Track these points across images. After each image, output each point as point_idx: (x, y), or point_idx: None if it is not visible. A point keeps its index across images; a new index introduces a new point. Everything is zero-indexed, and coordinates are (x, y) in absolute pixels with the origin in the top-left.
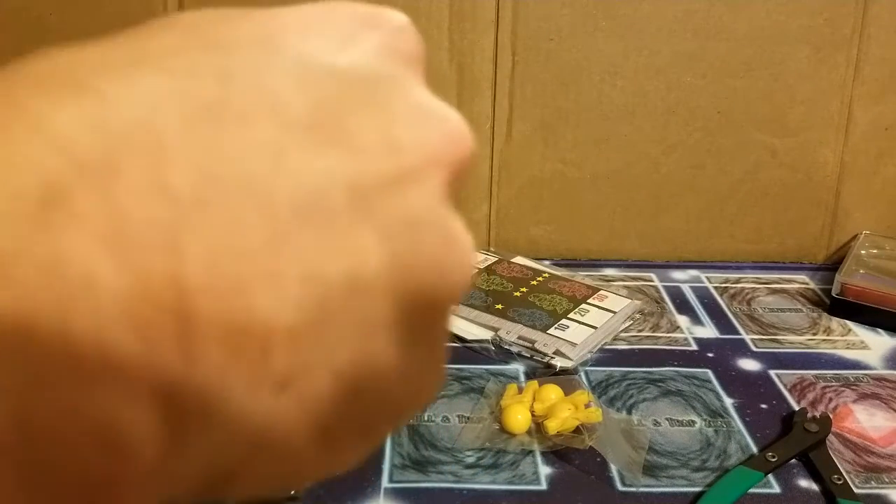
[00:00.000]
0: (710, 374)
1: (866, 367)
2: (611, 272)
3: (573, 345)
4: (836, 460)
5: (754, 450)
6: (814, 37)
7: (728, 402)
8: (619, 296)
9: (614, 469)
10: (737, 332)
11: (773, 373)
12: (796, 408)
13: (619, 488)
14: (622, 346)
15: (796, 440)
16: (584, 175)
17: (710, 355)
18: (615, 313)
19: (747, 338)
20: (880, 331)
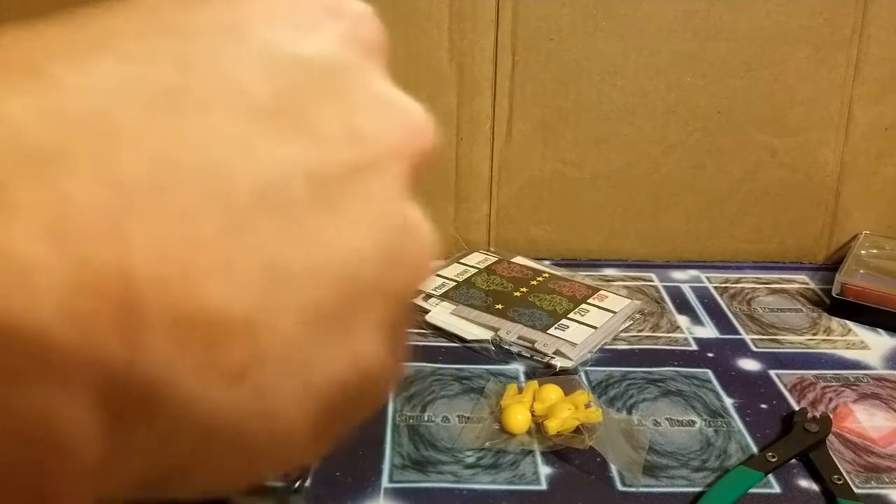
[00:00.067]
0: (710, 374)
1: (866, 367)
2: (611, 272)
3: (573, 345)
4: (836, 460)
5: (754, 450)
6: (814, 37)
7: (728, 402)
8: (619, 296)
9: (614, 469)
10: (737, 332)
11: (773, 373)
12: (796, 408)
13: (619, 488)
14: (622, 346)
15: (796, 440)
16: (584, 175)
17: (710, 355)
18: (615, 313)
19: (747, 338)
20: (880, 331)
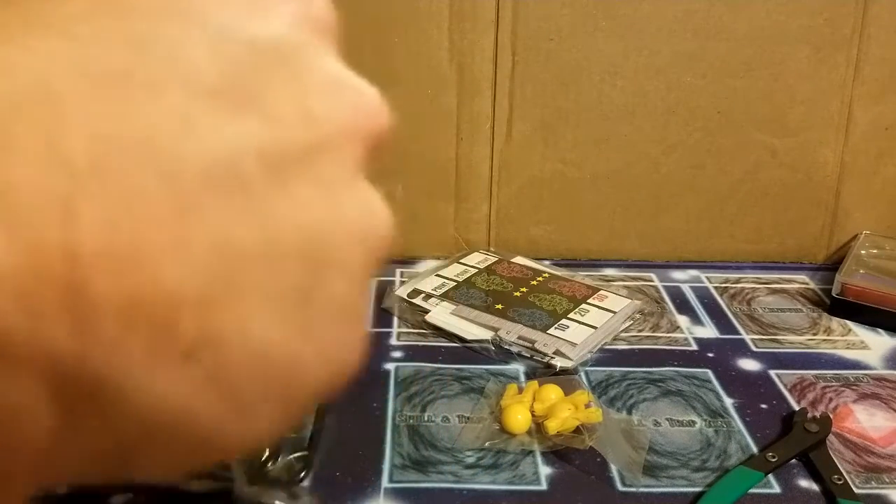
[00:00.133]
0: (710, 374)
1: (866, 367)
2: (611, 272)
3: (573, 345)
4: (836, 460)
5: (754, 450)
6: (814, 37)
7: (728, 402)
8: (619, 296)
9: (614, 469)
10: (737, 332)
11: (773, 373)
12: (796, 408)
13: (619, 488)
14: (622, 346)
15: (796, 440)
16: (584, 175)
17: (710, 355)
18: (615, 313)
19: (747, 338)
20: (880, 331)
